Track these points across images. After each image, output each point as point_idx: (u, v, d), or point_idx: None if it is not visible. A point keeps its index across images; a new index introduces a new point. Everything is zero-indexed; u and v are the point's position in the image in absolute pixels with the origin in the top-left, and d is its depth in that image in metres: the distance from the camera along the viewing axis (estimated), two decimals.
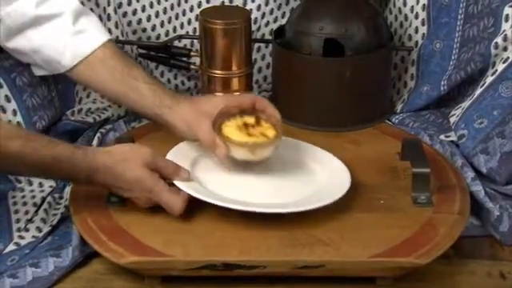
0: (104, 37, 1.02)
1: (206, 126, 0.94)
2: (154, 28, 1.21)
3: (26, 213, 0.96)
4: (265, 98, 1.00)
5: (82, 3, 1.09)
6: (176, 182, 0.90)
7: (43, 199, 0.98)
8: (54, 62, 1.01)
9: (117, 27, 1.16)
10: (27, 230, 0.93)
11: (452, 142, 1.06)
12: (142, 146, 0.92)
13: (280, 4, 1.22)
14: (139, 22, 1.20)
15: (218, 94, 1.12)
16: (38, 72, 1.05)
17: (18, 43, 1.01)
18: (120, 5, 1.18)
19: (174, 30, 1.22)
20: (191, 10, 1.22)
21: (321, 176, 0.96)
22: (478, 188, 0.96)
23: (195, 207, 0.91)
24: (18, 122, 1.03)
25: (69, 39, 1.00)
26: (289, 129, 1.09)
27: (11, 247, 0.90)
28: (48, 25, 1.01)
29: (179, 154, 0.96)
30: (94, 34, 1.01)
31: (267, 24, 1.23)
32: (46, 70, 1.04)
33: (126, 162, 0.88)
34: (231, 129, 0.94)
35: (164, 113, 0.97)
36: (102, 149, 0.93)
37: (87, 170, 0.87)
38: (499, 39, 1.03)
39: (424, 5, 1.14)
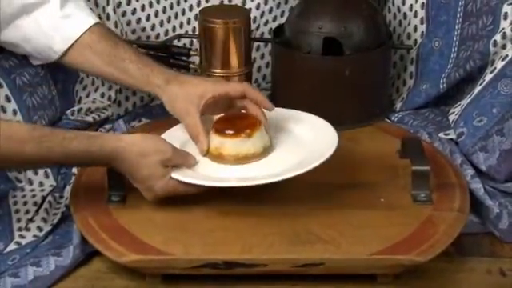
0: (92, 19, 1.03)
1: (192, 117, 0.97)
2: (153, 27, 1.21)
3: (27, 212, 0.96)
4: (255, 87, 1.01)
5: None
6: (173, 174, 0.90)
7: (44, 198, 0.98)
8: (47, 49, 1.02)
9: (116, 27, 1.16)
10: (28, 230, 0.93)
11: (451, 139, 1.06)
12: (164, 143, 0.91)
13: (279, 3, 1.23)
14: (138, 21, 1.20)
15: (209, 77, 1.11)
16: (34, 62, 1.06)
17: (9, 35, 1.01)
18: (119, 4, 1.18)
19: (174, 29, 1.22)
20: (190, 9, 1.22)
21: (307, 138, 0.98)
22: (477, 185, 0.96)
23: (195, 204, 0.91)
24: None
25: (58, 23, 1.02)
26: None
27: (12, 246, 0.90)
28: (36, 12, 1.01)
29: (172, 136, 0.97)
30: (81, 17, 1.03)
31: (266, 23, 1.23)
32: (40, 59, 1.05)
33: (143, 158, 0.89)
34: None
35: (154, 91, 1.01)
36: (123, 138, 0.91)
37: (104, 160, 0.89)
38: (498, 37, 1.04)
39: (423, 3, 1.15)
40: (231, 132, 0.95)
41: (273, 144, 0.98)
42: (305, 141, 0.98)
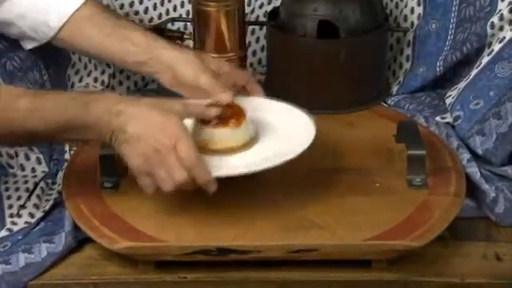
0: None
1: (210, 73, 0.93)
2: (146, 11, 1.19)
3: (19, 198, 0.95)
4: (257, 84, 1.00)
5: None
6: None
7: (36, 184, 0.97)
8: (42, 26, 1.00)
9: None
10: (20, 216, 0.92)
11: (448, 123, 1.05)
12: (172, 117, 0.84)
13: None
14: (131, 4, 1.18)
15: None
16: (28, 45, 1.04)
17: (3, 12, 1.00)
18: None
19: (167, 12, 1.21)
20: None
21: (283, 130, 0.95)
22: (473, 169, 0.95)
23: (188, 192, 0.90)
24: None
25: None
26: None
27: (3, 233, 0.89)
28: None
29: None
30: None
31: (261, 6, 1.21)
32: (35, 39, 1.03)
33: (154, 106, 0.84)
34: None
35: (161, 54, 0.96)
36: (127, 103, 0.84)
37: (107, 104, 0.83)
38: (495, 19, 1.02)
39: None
40: (219, 122, 0.90)
41: (257, 135, 0.94)
42: (284, 130, 0.95)
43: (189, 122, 0.90)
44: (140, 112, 0.83)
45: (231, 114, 0.91)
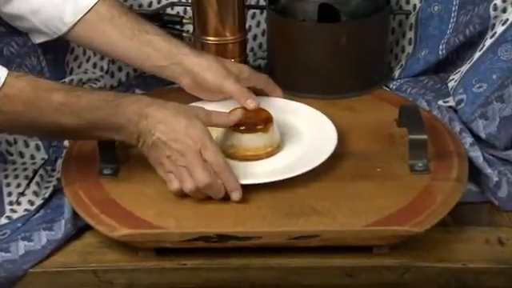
0: None
1: (233, 79, 0.95)
2: None
3: (18, 186, 0.94)
4: (275, 85, 1.03)
5: None
6: None
7: (35, 172, 0.97)
8: (56, 21, 0.99)
9: None
10: (19, 204, 0.91)
11: (450, 107, 1.04)
12: (196, 123, 0.86)
13: None
14: None
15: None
16: (37, 39, 1.03)
17: (16, 6, 0.99)
18: None
19: None
20: None
21: (307, 135, 0.96)
22: (476, 154, 0.94)
23: None
24: None
25: None
26: (285, 97, 1.07)
27: (3, 221, 0.89)
28: None
29: None
30: None
31: None
32: (46, 34, 1.02)
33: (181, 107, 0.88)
34: None
35: (182, 60, 0.98)
36: (155, 107, 0.86)
37: (136, 101, 0.86)
38: (498, 0, 1.01)
39: None
40: (248, 127, 0.91)
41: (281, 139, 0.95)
42: (307, 134, 0.96)
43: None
44: (166, 116, 0.85)
45: (259, 120, 0.92)
